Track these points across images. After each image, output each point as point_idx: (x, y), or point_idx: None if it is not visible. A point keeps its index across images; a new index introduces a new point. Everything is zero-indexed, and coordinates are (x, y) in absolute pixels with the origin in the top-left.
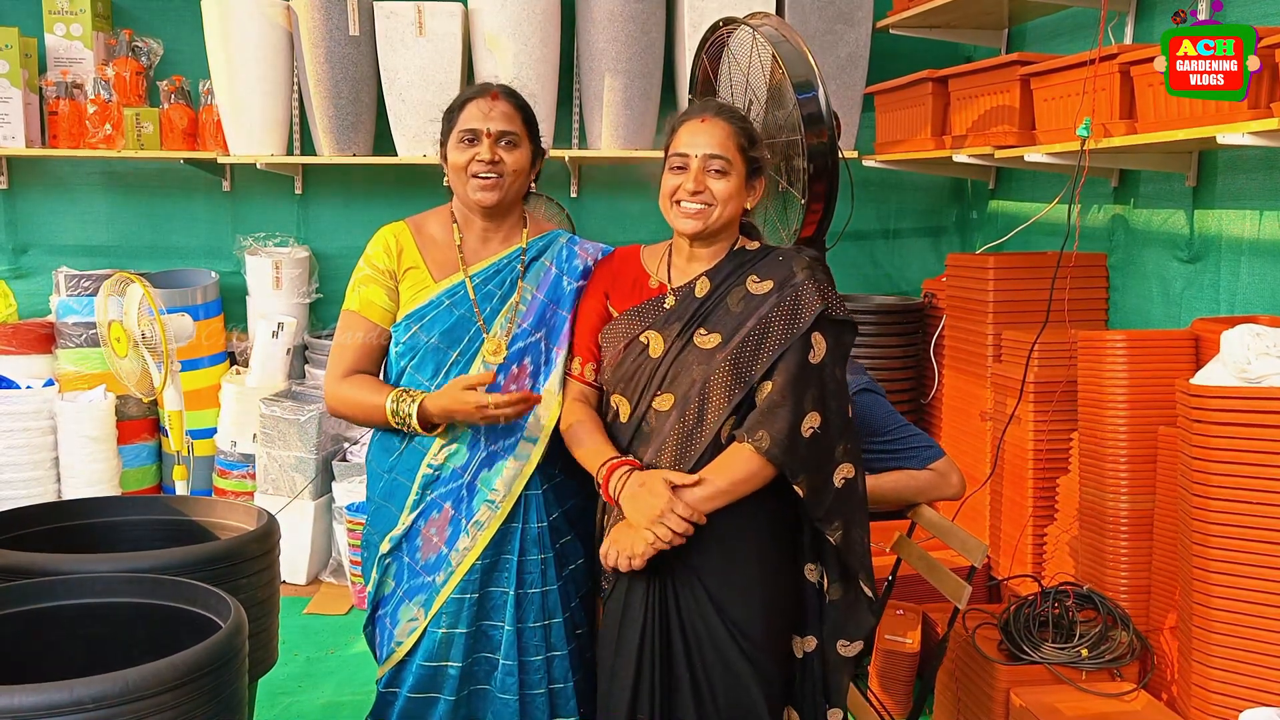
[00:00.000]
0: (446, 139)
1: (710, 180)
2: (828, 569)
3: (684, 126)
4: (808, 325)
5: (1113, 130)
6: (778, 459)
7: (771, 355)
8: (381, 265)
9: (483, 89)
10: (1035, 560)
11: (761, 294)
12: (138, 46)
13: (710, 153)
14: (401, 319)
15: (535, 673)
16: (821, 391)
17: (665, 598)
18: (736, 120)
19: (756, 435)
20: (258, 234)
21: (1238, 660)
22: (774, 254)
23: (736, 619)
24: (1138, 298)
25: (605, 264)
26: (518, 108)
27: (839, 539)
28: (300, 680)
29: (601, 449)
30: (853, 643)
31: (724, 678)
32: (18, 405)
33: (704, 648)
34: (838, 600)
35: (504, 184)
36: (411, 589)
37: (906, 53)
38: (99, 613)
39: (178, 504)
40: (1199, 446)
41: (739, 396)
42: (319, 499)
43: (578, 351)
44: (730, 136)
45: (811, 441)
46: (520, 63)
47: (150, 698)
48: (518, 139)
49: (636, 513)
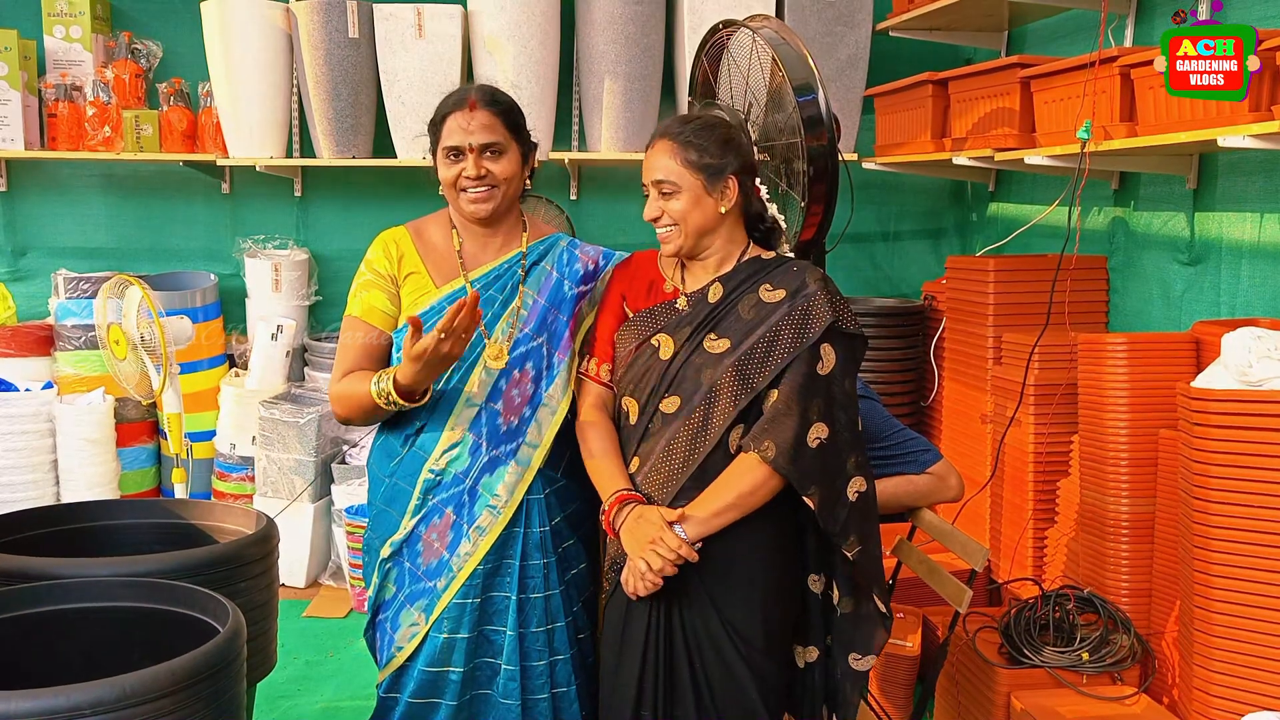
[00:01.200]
0: (434, 151)
1: (666, 204)
2: (837, 581)
3: (646, 154)
4: (817, 336)
5: (1113, 133)
6: (784, 468)
7: (779, 363)
8: (382, 270)
9: (460, 99)
10: (1036, 563)
11: (773, 302)
12: (137, 49)
13: (654, 179)
14: (403, 324)
15: (538, 678)
16: (829, 403)
17: (668, 598)
18: (680, 136)
19: (763, 445)
20: (257, 236)
21: (1239, 664)
22: (789, 264)
23: (734, 621)
24: (1138, 300)
25: (624, 267)
26: (498, 113)
27: (856, 554)
28: (299, 684)
29: (613, 477)
30: (865, 656)
31: (723, 679)
32: (16, 408)
33: (704, 648)
34: (849, 614)
35: (496, 194)
36: (413, 594)
37: (906, 55)
38: (97, 617)
39: (176, 507)
40: (1200, 449)
41: (744, 402)
42: (318, 502)
43: (595, 352)
44: (672, 154)
45: (818, 452)
46: (520, 65)
47: (148, 703)
48: (503, 146)
49: (633, 543)
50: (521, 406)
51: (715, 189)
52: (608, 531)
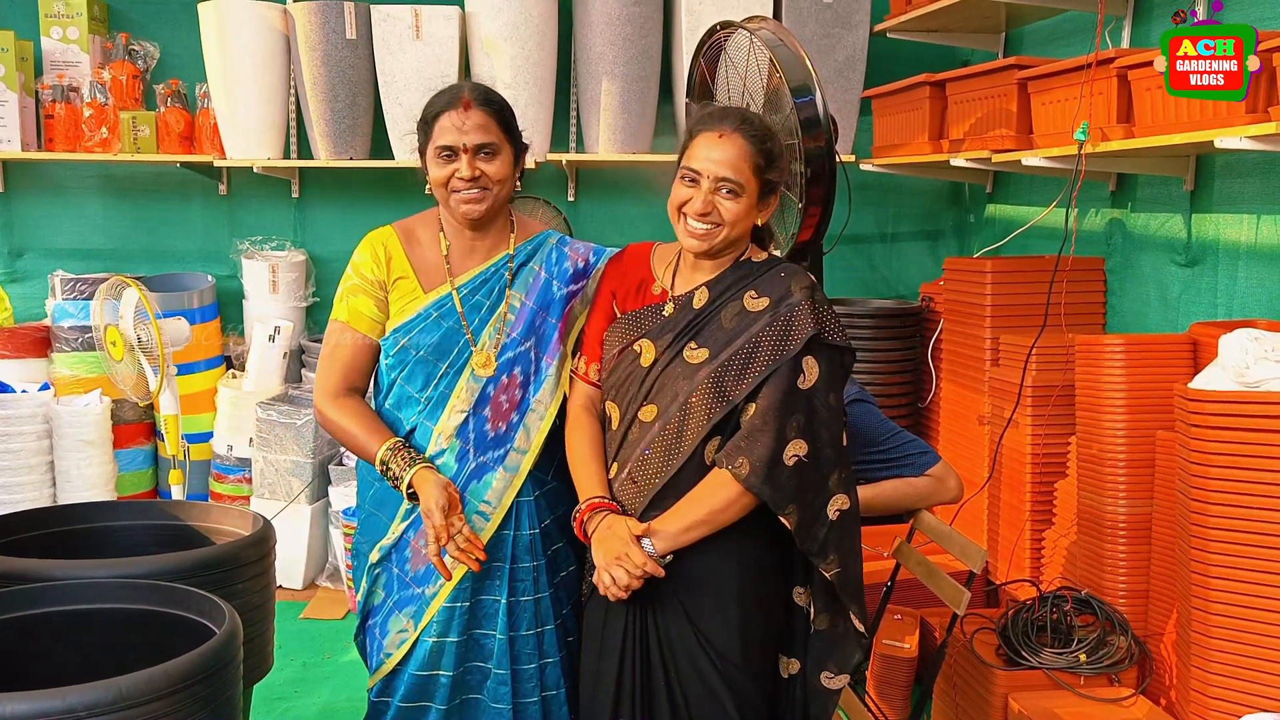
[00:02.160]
0: (424, 150)
1: (720, 200)
2: (815, 597)
3: (701, 137)
4: (798, 348)
5: (1110, 134)
6: (756, 487)
7: (756, 377)
8: (370, 275)
9: (453, 98)
10: (1033, 565)
11: (756, 311)
12: (134, 50)
13: (722, 175)
14: (390, 332)
15: (528, 681)
16: (810, 419)
17: (643, 607)
18: (756, 139)
19: (736, 462)
20: (254, 237)
21: (1236, 665)
22: (776, 269)
23: (709, 634)
24: (1135, 302)
25: (616, 262)
26: (493, 113)
27: (835, 575)
28: (296, 685)
29: (591, 483)
30: (838, 675)
31: (698, 690)
32: (13, 409)
33: (678, 659)
34: (824, 631)
35: (489, 196)
36: (401, 600)
37: (904, 56)
38: (93, 619)
39: (173, 508)
40: (1197, 451)
41: (719, 416)
42: (315, 503)
43: (584, 351)
44: (746, 157)
45: (796, 470)
46: (517, 66)
47: (144, 704)
48: (497, 147)
49: (600, 553)
50: (509, 413)
51: (763, 201)
52: (579, 536)
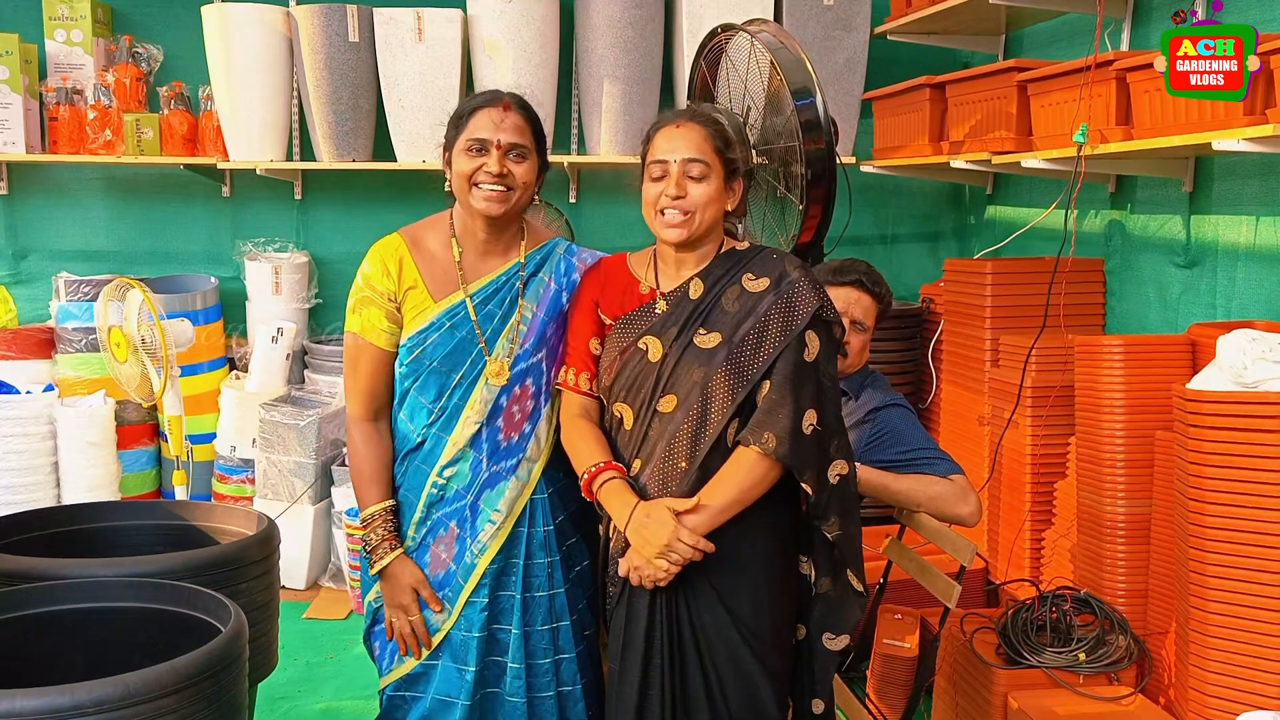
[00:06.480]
0: (452, 145)
1: (690, 185)
2: (816, 562)
3: (660, 134)
4: (804, 323)
5: (1109, 136)
6: (785, 457)
7: (771, 353)
8: (380, 288)
9: (494, 97)
10: (1033, 564)
11: (758, 291)
12: (138, 52)
13: (688, 157)
14: (404, 341)
15: (543, 675)
16: (818, 389)
17: (675, 605)
18: (710, 123)
19: (763, 438)
20: (257, 239)
21: (1235, 664)
22: (765, 253)
23: (746, 619)
24: (1134, 303)
25: (592, 273)
26: (528, 120)
27: (835, 535)
28: (300, 685)
29: (591, 453)
30: (838, 636)
31: (736, 679)
32: (17, 410)
33: (715, 651)
34: (826, 593)
35: (511, 197)
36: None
37: (904, 59)
38: (99, 617)
39: (177, 509)
40: (1196, 451)
41: (741, 394)
42: (318, 504)
43: (571, 362)
44: (706, 139)
45: (813, 438)
46: (519, 69)
47: (150, 702)
48: (527, 152)
49: (644, 544)
50: (521, 423)
51: (729, 185)
52: (586, 496)
